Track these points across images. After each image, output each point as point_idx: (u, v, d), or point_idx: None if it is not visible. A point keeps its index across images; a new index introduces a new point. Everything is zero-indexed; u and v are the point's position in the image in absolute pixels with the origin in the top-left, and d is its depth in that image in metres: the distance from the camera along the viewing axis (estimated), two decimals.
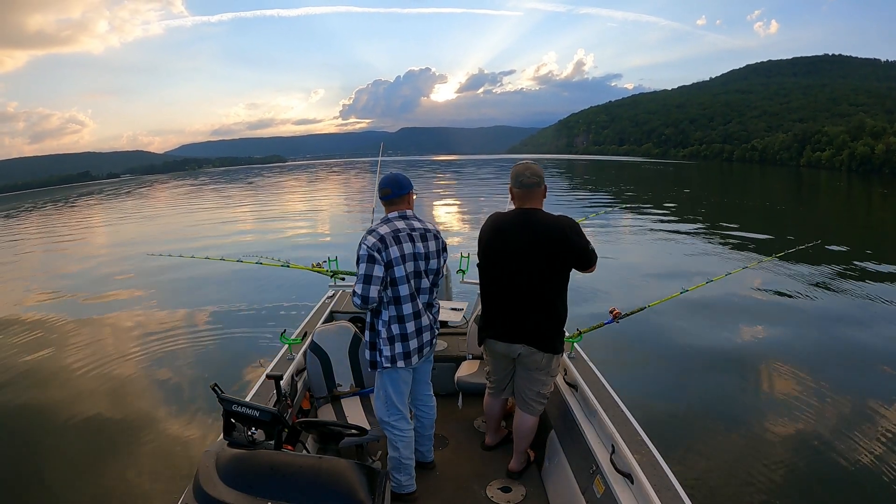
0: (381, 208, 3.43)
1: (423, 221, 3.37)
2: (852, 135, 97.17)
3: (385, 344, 3.23)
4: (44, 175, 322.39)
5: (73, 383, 7.47)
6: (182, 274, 13.55)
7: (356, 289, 3.14)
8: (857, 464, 5.10)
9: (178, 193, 63.59)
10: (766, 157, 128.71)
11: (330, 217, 29.43)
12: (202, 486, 2.09)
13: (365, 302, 3.13)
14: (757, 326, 9.27)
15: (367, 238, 3.16)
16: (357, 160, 79.83)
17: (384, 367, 3.26)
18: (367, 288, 3.10)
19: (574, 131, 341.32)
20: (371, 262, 3.11)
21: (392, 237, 3.17)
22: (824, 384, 6.79)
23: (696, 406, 6.38)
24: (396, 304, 3.22)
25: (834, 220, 26.58)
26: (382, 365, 3.26)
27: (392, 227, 3.21)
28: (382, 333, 3.24)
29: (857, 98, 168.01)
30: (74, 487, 5.07)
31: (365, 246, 3.14)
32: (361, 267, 3.13)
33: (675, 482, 2.64)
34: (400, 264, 3.18)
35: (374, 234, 3.17)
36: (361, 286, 3.11)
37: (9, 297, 13.15)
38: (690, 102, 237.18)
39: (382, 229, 3.19)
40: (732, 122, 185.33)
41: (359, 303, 3.13)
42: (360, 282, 3.12)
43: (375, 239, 3.14)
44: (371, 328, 3.30)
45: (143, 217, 36.40)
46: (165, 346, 8.72)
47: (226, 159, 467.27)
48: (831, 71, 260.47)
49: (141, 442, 5.75)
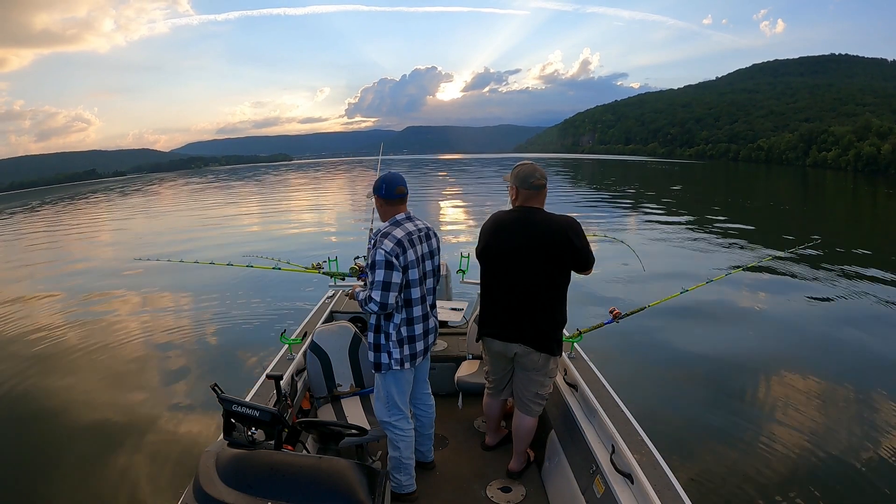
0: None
1: (422, 220, 3.36)
2: (858, 135, 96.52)
3: (395, 346, 3.20)
4: (50, 173, 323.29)
5: (72, 383, 7.47)
6: (182, 273, 13.55)
7: (373, 295, 3.04)
8: (857, 464, 5.09)
9: (187, 191, 63.70)
10: (771, 156, 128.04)
11: (333, 216, 29.38)
12: (202, 486, 2.10)
13: (383, 309, 3.08)
14: (756, 326, 9.27)
15: (384, 242, 3.07)
16: (363, 158, 79.79)
17: (392, 369, 3.23)
18: (386, 295, 3.04)
19: (580, 130, 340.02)
20: (389, 269, 3.03)
21: (407, 240, 3.13)
22: (824, 383, 6.81)
23: (696, 406, 6.38)
24: (408, 307, 3.19)
25: (837, 220, 26.44)
26: (391, 367, 3.22)
27: (405, 230, 3.16)
28: (392, 336, 3.19)
29: (864, 98, 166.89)
30: (74, 487, 5.07)
31: (383, 251, 3.04)
32: (379, 273, 3.03)
33: (675, 482, 2.65)
34: (415, 267, 3.16)
35: (390, 237, 3.09)
36: (380, 293, 3.03)
37: (10, 296, 13.15)
38: (696, 102, 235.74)
39: (397, 232, 3.13)
40: (738, 122, 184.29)
41: (376, 309, 3.07)
42: (377, 288, 3.04)
43: (393, 243, 3.06)
44: (377, 330, 3.23)
45: (149, 214, 36.44)
46: (165, 346, 8.73)
47: (231, 157, 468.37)
48: (838, 70, 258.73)
49: (141, 442, 5.75)
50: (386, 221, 3.28)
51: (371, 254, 3.11)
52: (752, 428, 5.81)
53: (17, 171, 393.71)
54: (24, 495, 5.03)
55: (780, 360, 7.59)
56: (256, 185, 66.95)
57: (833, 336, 8.73)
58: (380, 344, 3.24)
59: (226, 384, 2.53)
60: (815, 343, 8.43)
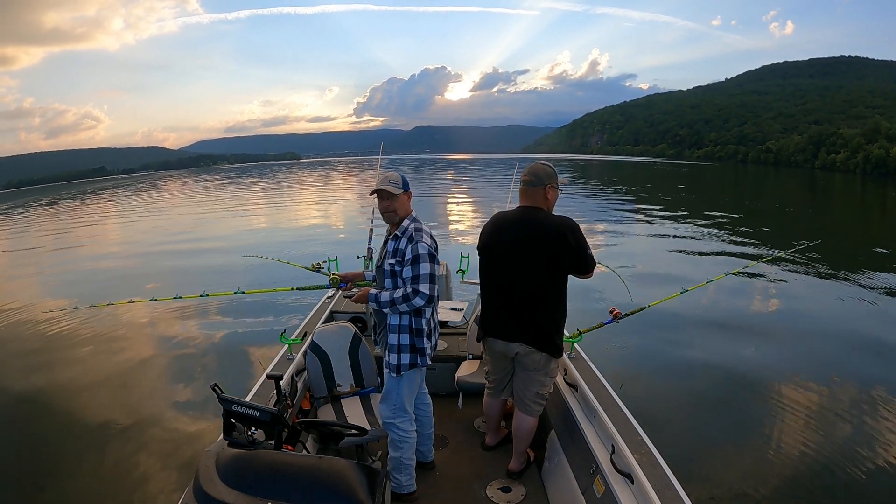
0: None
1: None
2: (867, 137, 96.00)
3: (426, 342, 3.27)
4: (60, 170, 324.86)
5: (72, 384, 7.47)
6: (183, 270, 13.52)
7: (423, 289, 3.08)
8: (858, 465, 5.08)
9: (198, 188, 64.05)
10: (780, 158, 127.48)
11: (334, 215, 29.43)
12: (202, 486, 2.10)
13: (430, 303, 3.14)
14: (756, 326, 9.28)
15: (424, 237, 3.17)
16: (372, 157, 79.67)
17: (424, 365, 3.30)
18: (433, 287, 3.12)
19: (588, 131, 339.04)
20: (433, 262, 3.14)
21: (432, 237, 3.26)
22: (824, 383, 6.82)
23: (696, 405, 6.40)
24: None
25: (842, 222, 26.29)
26: (426, 363, 3.30)
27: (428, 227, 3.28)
28: (424, 331, 3.26)
29: (874, 100, 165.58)
30: (74, 486, 5.09)
31: (426, 245, 3.13)
32: (425, 266, 3.10)
33: (675, 482, 2.65)
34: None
35: (424, 232, 3.20)
36: (429, 286, 3.10)
37: (10, 295, 13.17)
38: (705, 103, 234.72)
39: (426, 229, 3.25)
40: (748, 124, 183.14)
41: (422, 303, 3.11)
42: (426, 282, 3.09)
43: (430, 237, 3.19)
44: (410, 331, 3.24)
45: (157, 211, 36.52)
46: (165, 346, 8.75)
47: (240, 156, 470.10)
48: (848, 72, 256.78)
49: (141, 442, 5.75)
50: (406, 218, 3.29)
51: (410, 248, 3.14)
52: (752, 427, 5.83)
53: (26, 168, 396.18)
54: (24, 494, 5.05)
55: (779, 360, 7.61)
56: (266, 182, 67.20)
57: (833, 336, 8.73)
58: (414, 344, 3.26)
59: (226, 384, 2.53)
60: (815, 343, 8.43)
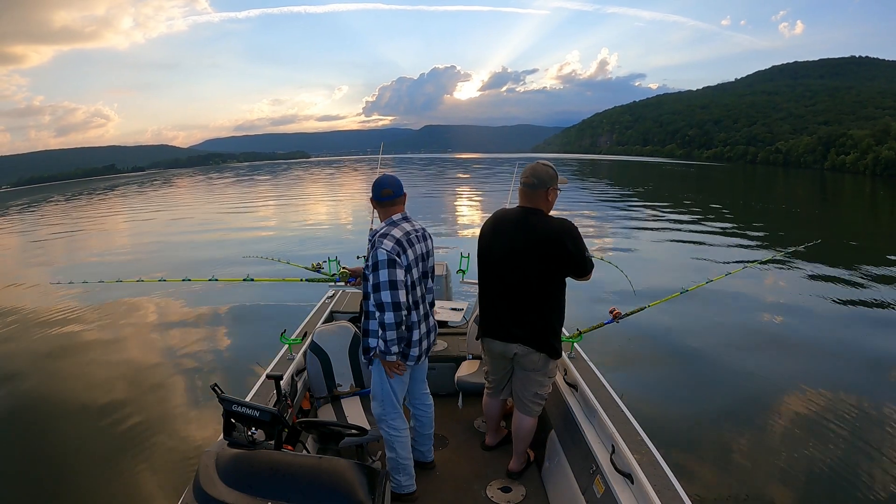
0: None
1: (417, 221, 3.37)
2: (877, 138, 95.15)
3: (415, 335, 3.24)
4: (69, 168, 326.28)
5: (72, 384, 7.52)
6: (184, 274, 13.52)
7: (383, 297, 2.98)
8: (856, 464, 5.10)
9: (207, 187, 64.28)
10: (789, 159, 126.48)
11: (334, 215, 29.47)
12: (202, 486, 2.10)
13: (398, 309, 2.99)
14: (756, 326, 9.27)
15: (384, 242, 3.04)
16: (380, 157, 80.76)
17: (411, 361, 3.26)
18: (396, 294, 2.98)
19: (598, 131, 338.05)
20: (393, 267, 3.00)
21: (405, 240, 3.12)
22: (824, 384, 6.79)
23: (696, 406, 6.39)
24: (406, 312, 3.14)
25: (847, 223, 26.14)
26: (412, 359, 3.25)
27: (402, 230, 3.15)
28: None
29: (884, 101, 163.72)
30: (74, 486, 5.12)
31: (384, 251, 3.01)
32: (384, 273, 2.99)
33: (675, 482, 2.66)
34: (414, 267, 3.16)
35: (389, 237, 3.07)
36: (390, 293, 2.97)
37: (11, 294, 13.26)
38: (715, 103, 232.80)
39: (395, 232, 3.12)
40: (757, 124, 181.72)
41: (391, 315, 2.98)
42: (385, 288, 2.98)
43: (393, 243, 3.05)
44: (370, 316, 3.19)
45: (159, 209, 36.64)
46: (165, 346, 8.79)
47: (250, 154, 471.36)
48: (858, 73, 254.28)
49: (141, 441, 5.76)
50: (383, 222, 3.25)
51: (372, 254, 3.08)
52: (752, 427, 5.84)
53: (37, 166, 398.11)
54: (24, 494, 5.08)
55: (779, 360, 7.62)
56: (276, 181, 67.46)
57: (833, 336, 8.73)
58: (368, 329, 3.22)
59: (226, 384, 2.55)
60: (816, 343, 8.42)
